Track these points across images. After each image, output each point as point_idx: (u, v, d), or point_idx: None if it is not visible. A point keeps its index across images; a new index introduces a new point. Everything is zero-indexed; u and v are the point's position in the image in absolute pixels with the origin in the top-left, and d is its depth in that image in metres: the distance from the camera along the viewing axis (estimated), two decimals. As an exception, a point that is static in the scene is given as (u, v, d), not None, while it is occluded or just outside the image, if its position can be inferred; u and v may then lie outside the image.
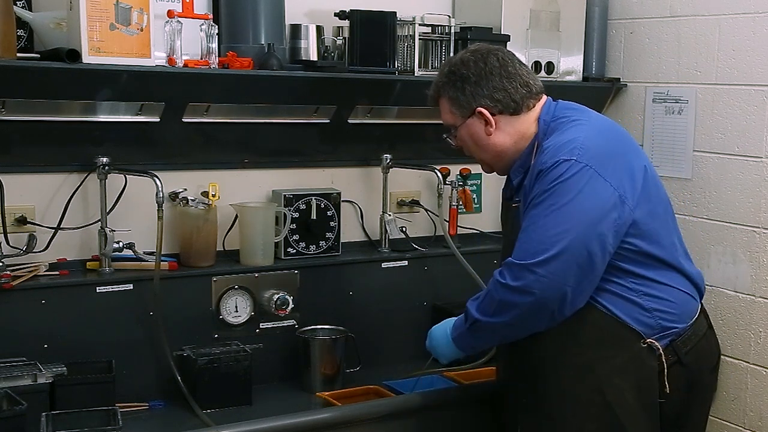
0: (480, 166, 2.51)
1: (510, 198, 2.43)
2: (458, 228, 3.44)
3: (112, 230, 2.75)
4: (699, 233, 3.21)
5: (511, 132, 2.36)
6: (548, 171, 2.20)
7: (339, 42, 3.08)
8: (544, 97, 2.40)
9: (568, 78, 3.42)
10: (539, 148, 2.30)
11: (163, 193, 2.66)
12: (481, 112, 2.33)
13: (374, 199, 3.32)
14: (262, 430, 2.44)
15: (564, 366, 2.28)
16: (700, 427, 2.56)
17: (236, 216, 3.01)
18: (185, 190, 2.92)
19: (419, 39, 3.11)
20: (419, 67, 3.13)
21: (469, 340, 2.37)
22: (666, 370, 2.28)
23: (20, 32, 2.59)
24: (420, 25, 3.11)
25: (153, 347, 2.76)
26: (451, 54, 3.17)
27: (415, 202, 3.42)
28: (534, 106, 2.37)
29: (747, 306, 3.14)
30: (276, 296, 2.96)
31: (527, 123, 2.36)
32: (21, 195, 2.72)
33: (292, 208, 3.04)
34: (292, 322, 3.03)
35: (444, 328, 2.43)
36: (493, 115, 2.33)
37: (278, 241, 3.03)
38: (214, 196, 2.91)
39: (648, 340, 2.27)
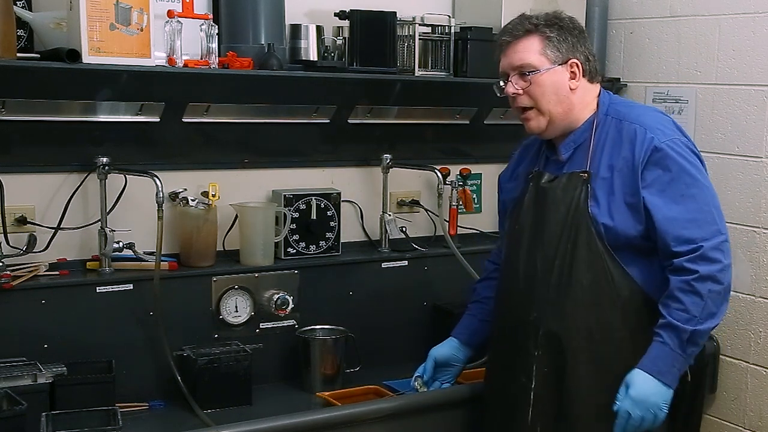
0: (533, 120, 2.36)
1: (555, 169, 2.41)
2: (458, 228, 3.44)
3: (112, 230, 2.75)
4: (699, 233, 3.21)
5: (582, 96, 2.37)
6: (669, 147, 2.26)
7: (339, 42, 3.08)
8: None
9: (568, 78, 3.41)
10: (599, 126, 2.35)
11: (163, 193, 2.66)
12: (575, 64, 2.33)
13: (374, 199, 3.32)
14: (262, 430, 2.43)
15: (603, 340, 2.29)
16: (696, 425, 2.62)
17: (236, 216, 3.01)
18: (185, 190, 2.92)
19: (419, 39, 3.11)
20: (419, 67, 3.13)
21: (683, 367, 2.24)
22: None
23: (20, 32, 2.59)
24: (420, 25, 3.11)
25: (153, 347, 2.76)
26: (451, 54, 3.17)
27: (415, 202, 3.42)
28: (598, 83, 2.43)
29: (747, 306, 3.14)
30: (276, 296, 2.96)
31: (591, 96, 2.39)
32: (21, 195, 2.72)
33: (292, 208, 3.04)
34: (292, 322, 3.03)
35: (645, 384, 2.20)
36: (581, 72, 2.36)
37: (278, 241, 3.03)
38: (214, 196, 2.91)
39: None
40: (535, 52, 2.32)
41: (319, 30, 3.01)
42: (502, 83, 2.38)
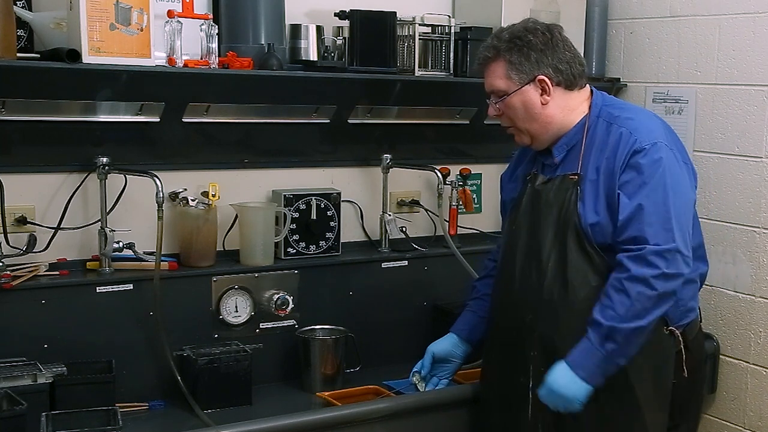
0: (516, 137, 2.46)
1: (550, 171, 2.43)
2: (458, 228, 3.44)
3: (112, 230, 2.75)
4: (699, 233, 3.21)
5: (562, 106, 2.38)
6: (647, 151, 2.27)
7: (339, 42, 3.08)
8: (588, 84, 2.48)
9: (568, 78, 3.41)
10: (591, 129, 2.37)
11: (163, 193, 2.66)
12: (542, 81, 2.35)
13: (374, 199, 3.32)
14: (262, 430, 2.43)
15: None
16: (694, 422, 2.65)
17: (236, 216, 3.01)
18: (185, 190, 2.92)
19: (419, 39, 3.11)
20: (419, 67, 3.13)
21: (605, 366, 2.24)
22: (683, 355, 2.37)
23: (20, 32, 2.59)
24: (420, 25, 3.11)
25: (153, 347, 2.76)
26: (451, 54, 3.17)
27: (415, 202, 3.42)
28: (584, 86, 2.43)
29: (747, 306, 3.14)
30: (276, 296, 2.96)
31: (578, 100, 2.41)
32: (21, 195, 2.72)
33: (292, 208, 3.04)
34: (292, 322, 3.03)
35: (561, 374, 2.26)
36: (551, 85, 2.36)
37: (278, 241, 3.03)
38: (214, 196, 2.91)
39: (670, 327, 2.36)
40: (501, 77, 2.37)
41: (319, 30, 3.01)
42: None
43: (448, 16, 3.22)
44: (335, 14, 3.00)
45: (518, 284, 2.43)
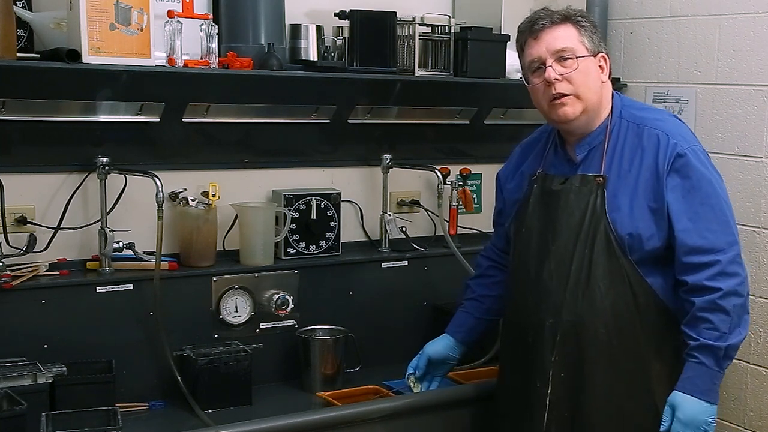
0: (567, 107, 2.29)
1: (566, 169, 2.39)
2: (458, 228, 3.44)
3: (112, 230, 2.75)
4: (699, 233, 3.20)
5: (606, 93, 2.37)
6: (689, 155, 2.26)
7: (339, 42, 3.08)
8: None
9: (568, 78, 3.41)
10: (614, 130, 2.34)
11: (163, 193, 2.66)
12: (604, 58, 2.35)
13: (374, 199, 3.32)
14: (262, 430, 2.43)
15: (620, 344, 2.30)
16: None
17: (236, 216, 3.01)
18: (185, 190, 2.92)
19: (419, 39, 3.11)
20: (419, 67, 3.12)
21: (719, 381, 2.28)
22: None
23: (20, 32, 2.59)
24: (420, 25, 3.11)
25: (153, 347, 2.76)
26: (451, 54, 3.17)
27: (415, 202, 3.42)
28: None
29: (747, 306, 3.13)
30: (276, 296, 2.96)
31: (608, 96, 2.39)
32: (21, 195, 2.72)
33: (292, 208, 3.04)
34: (292, 322, 3.03)
35: (689, 405, 2.24)
36: (608, 68, 2.38)
37: (278, 241, 3.03)
38: (214, 196, 2.91)
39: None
40: (574, 39, 2.31)
41: (319, 30, 3.01)
42: (531, 72, 2.34)
43: (448, 16, 3.22)
44: (335, 14, 3.00)
45: (534, 286, 2.38)
